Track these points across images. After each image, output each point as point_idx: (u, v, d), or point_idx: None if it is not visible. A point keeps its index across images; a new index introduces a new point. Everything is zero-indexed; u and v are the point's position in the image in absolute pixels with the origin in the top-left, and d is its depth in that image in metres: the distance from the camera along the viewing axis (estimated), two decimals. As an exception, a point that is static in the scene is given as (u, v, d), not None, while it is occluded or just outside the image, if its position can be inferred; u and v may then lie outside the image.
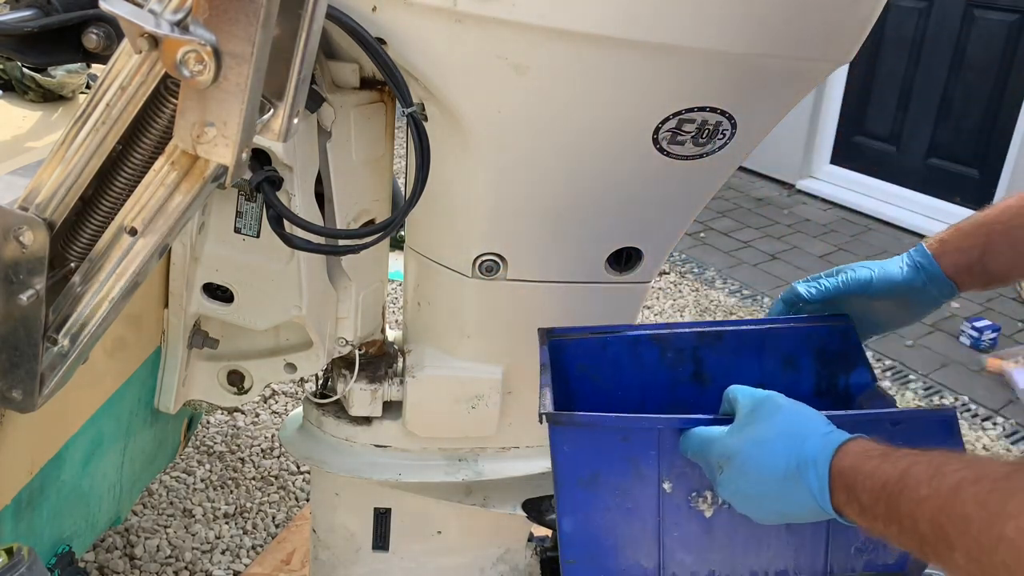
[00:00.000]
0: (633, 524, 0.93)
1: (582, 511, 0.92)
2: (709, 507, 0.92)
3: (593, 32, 0.87)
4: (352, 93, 1.09)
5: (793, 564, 0.94)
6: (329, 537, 1.39)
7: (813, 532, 0.94)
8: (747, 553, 0.93)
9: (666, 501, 0.92)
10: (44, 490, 1.12)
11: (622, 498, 0.92)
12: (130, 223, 0.75)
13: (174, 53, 0.60)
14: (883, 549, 0.93)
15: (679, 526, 0.93)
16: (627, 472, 0.91)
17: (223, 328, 1.25)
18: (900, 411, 0.92)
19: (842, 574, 0.95)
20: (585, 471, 0.91)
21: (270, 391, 2.58)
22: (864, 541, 0.93)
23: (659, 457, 0.91)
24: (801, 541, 0.93)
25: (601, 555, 0.94)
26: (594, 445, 0.90)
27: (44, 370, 0.80)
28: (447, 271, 1.16)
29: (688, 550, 0.94)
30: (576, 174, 1.04)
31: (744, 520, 0.87)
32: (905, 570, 0.94)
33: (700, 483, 0.91)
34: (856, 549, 0.94)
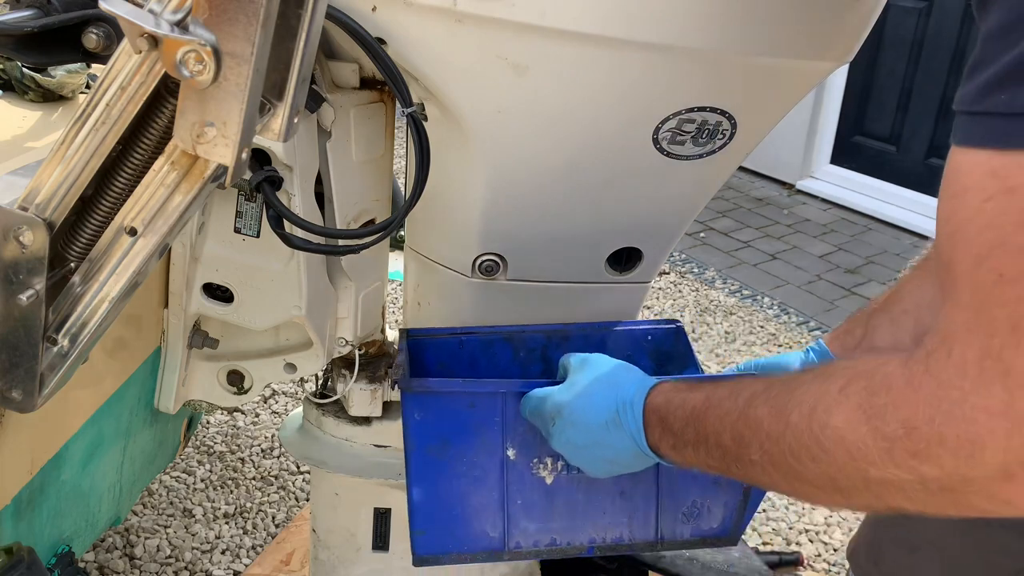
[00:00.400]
0: (480, 493, 0.96)
1: (432, 480, 0.96)
2: (549, 474, 0.96)
3: (593, 32, 0.87)
4: (352, 93, 1.09)
5: (628, 532, 0.99)
6: (329, 537, 1.39)
7: (644, 499, 0.98)
8: (585, 521, 0.98)
9: (510, 469, 0.96)
10: (44, 490, 1.12)
11: (470, 466, 0.96)
12: (130, 223, 0.75)
13: (174, 53, 0.60)
14: (708, 515, 0.98)
15: (522, 494, 0.97)
16: (474, 440, 0.95)
17: (223, 328, 1.25)
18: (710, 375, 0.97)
19: (672, 540, 0.99)
20: (435, 439, 0.95)
21: (270, 391, 2.58)
22: (690, 506, 0.98)
23: (503, 424, 0.95)
24: (634, 508, 0.98)
25: (451, 525, 0.97)
26: (443, 413, 0.94)
27: (44, 370, 0.80)
28: (447, 271, 1.16)
29: (531, 518, 0.97)
30: (576, 174, 1.04)
31: (582, 487, 0.95)
32: (729, 535, 0.97)
33: (541, 449, 0.95)
34: (683, 515, 0.98)
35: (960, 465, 0.56)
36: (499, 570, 1.39)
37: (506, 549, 0.98)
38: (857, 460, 0.62)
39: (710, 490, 0.98)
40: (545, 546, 0.98)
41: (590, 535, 0.98)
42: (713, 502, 0.98)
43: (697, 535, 0.99)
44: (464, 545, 0.98)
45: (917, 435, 0.58)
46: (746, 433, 0.71)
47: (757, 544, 2.16)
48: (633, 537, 0.99)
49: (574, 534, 0.98)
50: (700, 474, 0.95)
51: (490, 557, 0.98)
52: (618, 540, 0.99)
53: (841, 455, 0.63)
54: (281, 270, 1.11)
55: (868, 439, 0.60)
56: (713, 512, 0.98)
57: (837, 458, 0.63)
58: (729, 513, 0.98)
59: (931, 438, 0.57)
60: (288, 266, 1.10)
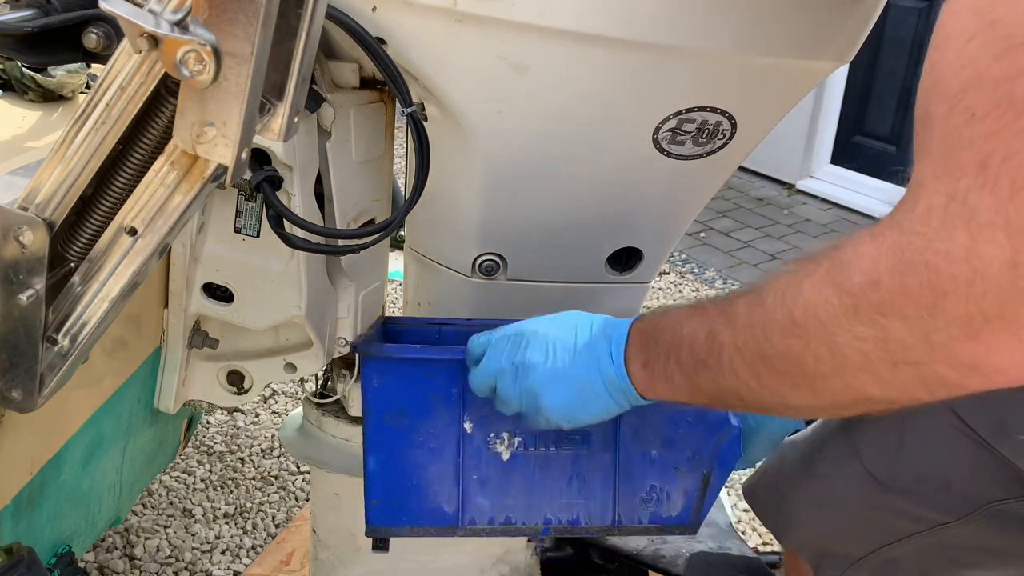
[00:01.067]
0: (436, 465, 0.96)
1: (388, 450, 0.95)
2: (506, 449, 0.96)
3: (593, 32, 0.87)
4: (352, 93, 1.09)
5: (585, 514, 0.98)
6: (329, 537, 1.39)
7: (602, 481, 0.97)
8: (542, 500, 0.97)
9: (467, 442, 0.95)
10: (44, 490, 1.12)
11: (426, 437, 0.95)
12: (130, 223, 0.75)
13: (174, 53, 0.60)
14: (667, 502, 0.98)
15: (478, 469, 0.96)
16: (431, 411, 0.94)
17: (223, 328, 1.24)
18: None
19: (630, 525, 0.99)
20: (392, 407, 0.94)
21: (270, 391, 2.58)
22: (649, 491, 0.98)
23: (462, 395, 0.94)
24: (591, 490, 0.97)
25: (405, 497, 0.97)
26: (401, 381, 0.94)
27: (44, 370, 0.80)
28: (447, 271, 1.16)
29: (486, 494, 0.97)
30: (576, 174, 1.04)
31: (539, 465, 0.94)
32: (688, 523, 0.97)
33: (499, 424, 0.95)
34: (642, 499, 0.98)
35: (924, 317, 0.54)
36: (499, 570, 1.39)
37: (461, 525, 0.97)
38: (825, 324, 0.60)
39: (669, 476, 0.97)
40: (500, 524, 0.98)
41: (546, 515, 0.98)
42: (672, 488, 0.98)
43: (656, 522, 0.99)
44: (418, 519, 0.97)
45: (880, 287, 0.56)
46: (720, 326, 0.70)
47: (757, 544, 2.16)
48: (590, 520, 0.98)
49: (530, 513, 0.97)
50: (659, 459, 0.95)
51: (444, 533, 0.98)
52: (574, 522, 0.98)
53: (810, 323, 0.61)
54: (281, 270, 1.11)
55: (833, 298, 0.59)
56: (672, 499, 0.98)
57: (807, 328, 0.61)
58: (688, 500, 0.98)
59: (894, 289, 0.55)
60: (288, 266, 1.10)
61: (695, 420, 0.95)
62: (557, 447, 0.95)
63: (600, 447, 0.95)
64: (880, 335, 0.57)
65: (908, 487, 1.01)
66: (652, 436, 0.95)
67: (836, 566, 1.12)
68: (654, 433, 0.95)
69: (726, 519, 1.48)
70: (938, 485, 0.99)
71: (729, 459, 0.96)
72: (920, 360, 0.56)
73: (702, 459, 0.96)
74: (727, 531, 1.44)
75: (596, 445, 0.95)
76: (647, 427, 0.95)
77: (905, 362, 0.57)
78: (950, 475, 0.98)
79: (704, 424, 0.95)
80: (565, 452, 0.95)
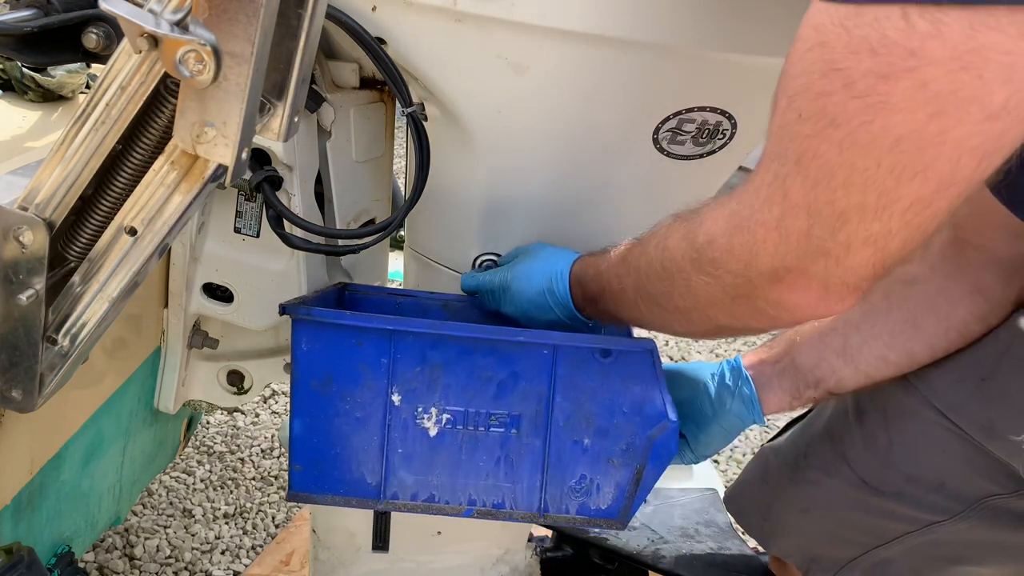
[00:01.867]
0: (361, 435, 0.94)
1: (312, 416, 0.94)
2: (434, 425, 0.94)
3: (593, 32, 0.87)
4: (352, 93, 1.09)
5: (511, 498, 0.97)
6: (329, 537, 1.39)
7: (530, 465, 0.96)
8: (467, 480, 0.96)
9: (394, 415, 0.94)
10: (44, 490, 1.12)
11: (352, 406, 0.93)
12: (130, 223, 0.75)
13: (174, 53, 0.60)
14: (597, 493, 0.97)
15: (404, 442, 0.95)
16: (358, 379, 0.93)
17: (223, 328, 1.25)
18: (607, 339, 0.97)
19: (556, 515, 0.97)
20: (320, 373, 0.92)
21: (270, 391, 2.58)
22: (579, 480, 0.96)
23: (390, 365, 0.92)
24: (518, 474, 0.96)
25: (328, 464, 0.95)
26: (330, 347, 0.92)
27: (44, 370, 0.80)
28: (447, 271, 1.16)
29: (410, 469, 0.96)
30: (576, 174, 1.04)
31: (466, 445, 0.94)
32: (616, 517, 0.97)
33: (428, 398, 0.93)
34: (570, 489, 0.96)
35: (743, 269, 0.69)
36: (499, 570, 1.39)
37: (382, 498, 0.96)
38: (681, 271, 0.75)
39: (600, 467, 0.96)
40: (423, 500, 0.96)
41: (471, 496, 0.96)
42: (603, 480, 0.96)
43: (584, 513, 0.97)
44: (340, 488, 0.96)
45: (716, 245, 0.71)
46: (623, 272, 0.86)
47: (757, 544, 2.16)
48: (516, 505, 0.97)
49: (454, 492, 0.96)
50: (591, 448, 0.95)
51: (365, 504, 0.96)
52: (499, 506, 0.97)
53: (672, 270, 0.77)
54: (281, 270, 1.11)
55: (686, 251, 0.75)
56: (603, 491, 0.96)
57: (671, 274, 0.77)
58: (619, 494, 0.96)
59: (724, 247, 0.70)
60: (288, 266, 1.11)
61: (631, 411, 0.93)
62: (486, 428, 0.94)
63: (531, 431, 0.94)
64: (717, 281, 0.72)
65: (900, 489, 1.01)
66: (585, 424, 0.94)
67: (826, 569, 1.12)
68: (588, 421, 0.94)
69: (726, 519, 1.48)
70: (931, 485, 0.99)
71: (663, 455, 0.94)
72: (748, 295, 0.71)
73: (635, 452, 0.94)
74: (727, 531, 1.44)
75: (526, 428, 0.94)
76: (580, 414, 0.94)
77: (738, 297, 0.72)
78: (942, 474, 0.98)
79: (640, 416, 0.93)
80: (494, 433, 0.94)
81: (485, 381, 0.93)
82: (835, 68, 0.58)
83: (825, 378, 1.00)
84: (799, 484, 1.12)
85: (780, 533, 1.17)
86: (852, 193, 0.60)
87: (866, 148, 0.58)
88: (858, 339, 0.99)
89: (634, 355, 0.92)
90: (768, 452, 1.20)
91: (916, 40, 0.54)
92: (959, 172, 0.58)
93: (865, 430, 1.04)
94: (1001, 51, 0.53)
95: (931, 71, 0.54)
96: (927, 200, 0.59)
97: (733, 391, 1.02)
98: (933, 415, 0.96)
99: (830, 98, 0.59)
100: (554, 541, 1.54)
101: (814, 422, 1.14)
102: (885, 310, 0.99)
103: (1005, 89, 0.54)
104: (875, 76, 0.56)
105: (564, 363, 0.92)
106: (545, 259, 0.99)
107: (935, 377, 0.98)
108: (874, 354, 0.98)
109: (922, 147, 0.57)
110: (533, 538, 1.44)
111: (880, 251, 0.63)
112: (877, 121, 0.57)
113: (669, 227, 0.79)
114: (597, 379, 0.92)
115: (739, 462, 2.47)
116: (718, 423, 1.02)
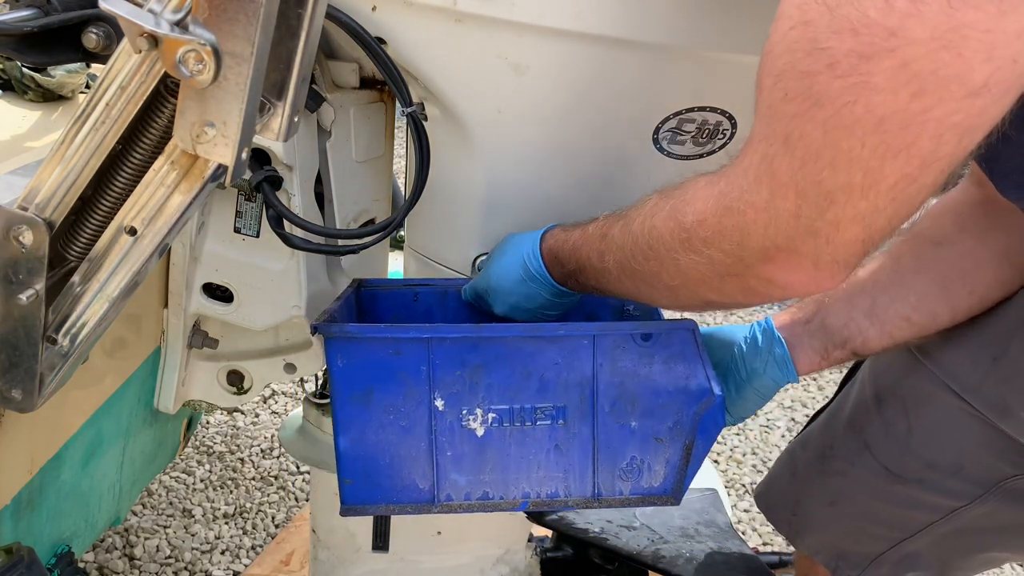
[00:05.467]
0: (408, 443, 0.95)
1: (357, 429, 0.94)
2: (480, 426, 0.95)
3: (593, 32, 0.87)
4: (352, 93, 1.09)
5: (564, 487, 0.97)
6: (329, 537, 1.39)
7: (580, 454, 0.96)
8: (519, 474, 0.96)
9: (439, 419, 0.94)
10: (44, 490, 1.12)
11: (396, 416, 0.94)
12: (130, 223, 0.74)
13: (174, 53, 0.60)
14: (648, 473, 0.97)
15: (452, 445, 0.95)
16: (400, 389, 0.93)
17: (223, 328, 1.25)
18: (647, 323, 0.97)
19: (610, 497, 0.98)
20: (359, 388, 0.93)
21: (270, 391, 2.58)
22: (629, 462, 0.97)
23: (430, 372, 0.93)
24: (569, 462, 0.96)
25: (377, 475, 0.96)
26: (367, 360, 0.92)
27: (44, 370, 0.80)
28: (447, 271, 1.16)
29: (461, 470, 0.96)
30: (576, 174, 1.04)
31: (515, 440, 0.94)
32: (670, 493, 0.98)
33: (471, 400, 0.94)
34: (622, 471, 0.97)
35: (734, 248, 0.70)
36: (499, 570, 1.39)
37: (436, 502, 0.96)
38: (669, 251, 0.76)
39: (649, 447, 0.96)
40: (477, 499, 0.97)
41: (524, 489, 0.97)
42: (653, 459, 0.96)
43: (637, 493, 0.97)
44: (392, 496, 0.96)
45: (705, 225, 0.72)
46: (604, 248, 0.86)
47: (757, 544, 2.16)
48: (569, 493, 0.97)
49: (507, 488, 0.97)
50: (638, 430, 0.95)
51: (420, 509, 0.97)
52: (553, 495, 0.97)
53: (660, 249, 0.77)
54: (281, 270, 1.11)
55: (675, 231, 0.75)
56: (654, 470, 0.97)
57: (659, 253, 0.78)
58: (671, 471, 0.97)
59: (715, 227, 0.71)
60: (288, 266, 1.10)
61: (676, 390, 0.94)
62: (533, 422, 0.94)
63: (577, 419, 0.95)
64: (707, 260, 0.73)
65: (920, 475, 1.01)
66: (631, 407, 0.94)
67: (854, 565, 1.12)
68: (633, 404, 0.94)
69: (726, 519, 1.48)
70: (950, 470, 0.99)
71: (711, 428, 0.95)
72: (737, 274, 0.72)
73: (683, 428, 0.95)
74: (727, 531, 1.44)
75: (573, 418, 0.95)
76: (625, 398, 0.94)
77: (728, 276, 0.73)
78: (961, 458, 0.98)
79: (685, 394, 0.94)
80: (542, 426, 0.94)
81: (526, 377, 0.93)
82: (819, 47, 0.58)
83: (852, 338, 1.00)
84: (826, 476, 1.12)
85: (808, 528, 1.16)
86: (838, 173, 0.61)
87: (850, 129, 0.59)
88: (886, 300, 0.99)
89: (676, 335, 0.93)
90: (795, 446, 1.20)
91: (896, 19, 0.55)
92: (941, 149, 0.59)
93: (885, 417, 1.04)
94: (981, 29, 0.54)
95: (912, 50, 0.55)
96: (912, 176, 0.60)
97: (766, 353, 1.02)
98: (950, 398, 0.97)
99: (815, 78, 0.59)
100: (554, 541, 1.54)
101: (838, 413, 1.14)
102: (914, 271, 0.99)
103: (986, 67, 0.55)
104: (857, 56, 0.57)
105: (604, 350, 0.93)
106: (512, 248, 0.99)
107: (949, 359, 0.98)
108: (900, 315, 0.99)
109: (905, 126, 0.58)
110: (533, 538, 1.44)
111: (868, 228, 0.64)
112: (860, 101, 0.58)
113: (655, 205, 0.79)
114: (639, 362, 0.93)
115: (739, 462, 2.47)
116: (752, 386, 1.03)
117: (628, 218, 0.84)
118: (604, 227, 0.87)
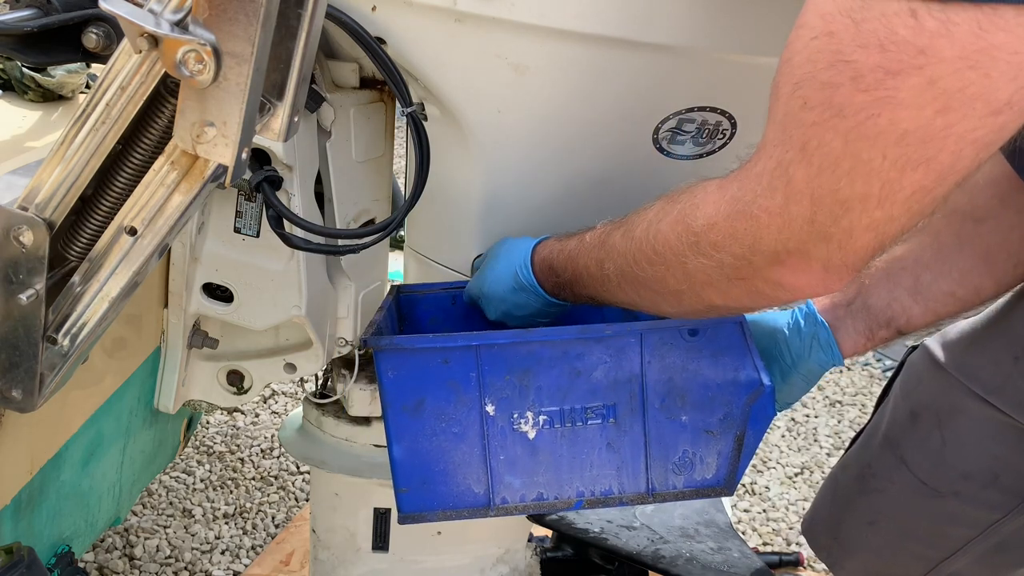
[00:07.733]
0: (461, 449, 0.96)
1: (410, 438, 0.95)
2: (531, 428, 0.96)
3: (593, 32, 0.87)
4: (352, 93, 1.09)
5: (617, 484, 0.98)
6: (329, 537, 1.39)
7: (632, 450, 0.97)
8: (572, 474, 0.97)
9: (490, 424, 0.95)
10: (44, 490, 1.12)
11: (448, 423, 0.95)
12: (130, 223, 0.74)
13: (174, 53, 0.60)
14: (701, 465, 0.98)
15: (505, 449, 0.96)
16: (450, 397, 0.94)
17: (223, 328, 1.25)
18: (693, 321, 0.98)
19: (664, 491, 0.98)
20: (410, 397, 0.94)
21: (270, 391, 2.58)
22: (681, 456, 0.98)
23: (479, 378, 0.94)
24: (622, 459, 0.97)
25: (432, 482, 0.97)
26: (417, 370, 0.94)
27: (44, 370, 0.80)
28: (447, 271, 1.16)
29: (515, 473, 0.97)
30: (576, 174, 1.04)
31: (566, 440, 0.96)
32: (723, 485, 0.98)
33: (521, 404, 0.95)
34: (674, 465, 0.98)
35: (746, 252, 0.70)
36: (499, 570, 1.39)
37: (492, 505, 0.97)
38: (677, 255, 0.76)
39: (701, 440, 0.97)
40: (532, 501, 0.98)
41: (578, 488, 0.98)
42: (705, 451, 0.97)
43: (690, 486, 0.98)
44: (449, 502, 0.97)
45: (716, 229, 0.72)
46: (604, 256, 0.86)
47: (757, 544, 2.16)
48: (623, 489, 0.98)
49: (561, 488, 0.98)
50: (689, 424, 0.96)
51: (476, 514, 0.98)
52: (607, 493, 0.98)
53: (667, 253, 0.77)
54: (281, 270, 1.11)
55: (683, 235, 0.75)
56: (707, 462, 0.98)
57: (665, 257, 0.77)
58: (723, 462, 0.98)
59: (727, 231, 0.71)
60: (288, 266, 1.10)
61: (725, 382, 0.95)
62: (584, 421, 0.95)
63: (628, 417, 0.95)
64: (717, 264, 0.73)
65: (956, 487, 1.02)
66: (681, 402, 0.95)
67: None
68: (683, 399, 0.95)
69: (726, 519, 1.48)
70: (985, 481, 1.00)
71: (762, 418, 0.96)
72: (745, 278, 0.73)
73: (734, 420, 0.96)
74: (727, 531, 1.44)
75: (623, 415, 0.95)
76: (675, 393, 0.95)
77: (736, 279, 0.74)
78: (995, 467, 0.99)
79: (735, 385, 0.95)
80: (593, 425, 0.95)
81: (575, 378, 0.94)
82: (843, 60, 0.59)
83: (896, 317, 1.01)
84: (865, 495, 1.12)
85: (849, 552, 1.16)
86: (856, 183, 0.62)
87: (872, 140, 0.59)
88: (929, 277, 1.00)
89: (724, 328, 0.94)
90: (837, 470, 1.21)
91: (926, 38, 0.55)
92: (959, 163, 0.59)
93: (920, 432, 1.05)
94: (1009, 51, 0.54)
95: (939, 68, 0.55)
96: (928, 188, 0.61)
97: (809, 338, 1.02)
98: (979, 406, 0.97)
99: (837, 89, 0.59)
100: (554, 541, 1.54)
101: (874, 433, 1.14)
102: (956, 247, 1.00)
103: (1010, 86, 0.55)
104: (884, 71, 0.57)
105: (652, 347, 0.93)
106: (505, 256, 0.99)
107: (971, 362, 0.99)
108: (943, 291, 0.99)
109: (927, 140, 0.58)
110: (533, 538, 1.44)
111: (880, 235, 0.65)
112: (884, 115, 0.58)
113: (659, 210, 0.79)
114: (687, 357, 0.94)
115: (739, 462, 2.47)
116: (798, 371, 1.03)
117: (629, 224, 0.84)
118: (602, 235, 0.87)
